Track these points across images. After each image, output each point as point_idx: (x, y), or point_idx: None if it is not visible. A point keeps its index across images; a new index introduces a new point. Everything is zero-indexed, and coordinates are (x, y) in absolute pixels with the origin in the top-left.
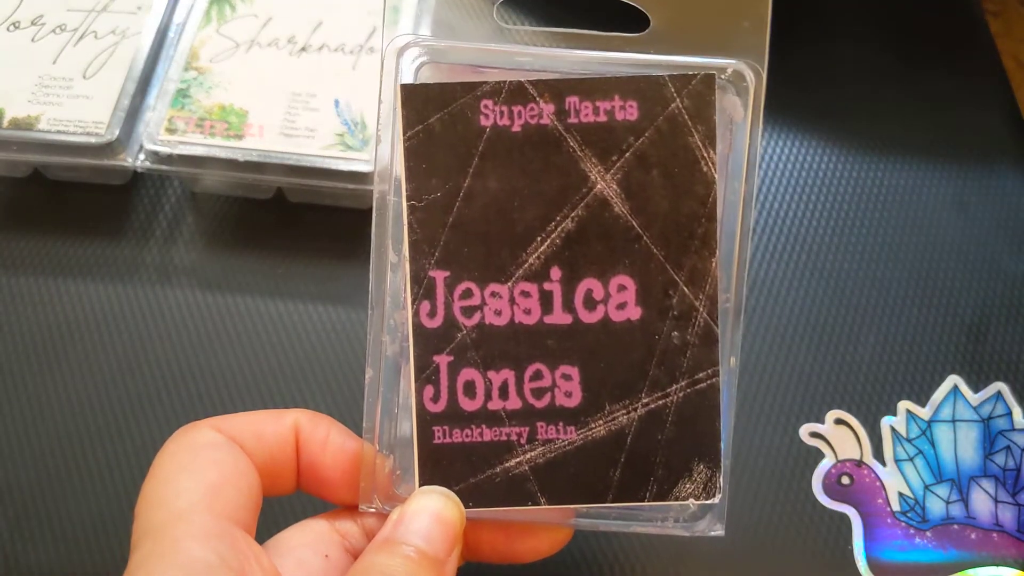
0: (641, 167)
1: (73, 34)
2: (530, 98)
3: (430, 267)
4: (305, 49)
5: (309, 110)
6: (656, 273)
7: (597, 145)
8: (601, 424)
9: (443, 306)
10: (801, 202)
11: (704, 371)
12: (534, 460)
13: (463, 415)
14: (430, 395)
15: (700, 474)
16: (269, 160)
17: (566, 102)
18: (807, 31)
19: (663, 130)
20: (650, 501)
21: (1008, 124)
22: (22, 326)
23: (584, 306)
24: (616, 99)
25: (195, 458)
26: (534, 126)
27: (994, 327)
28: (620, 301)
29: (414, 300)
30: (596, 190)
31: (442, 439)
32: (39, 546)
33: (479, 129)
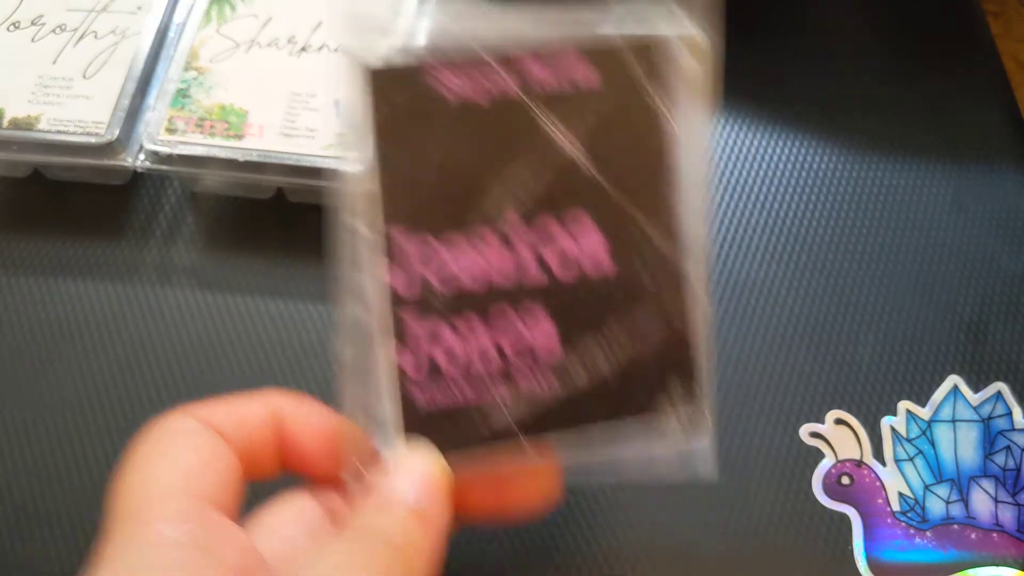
0: (604, 128)
1: (73, 34)
2: (494, 71)
3: (399, 232)
4: (305, 49)
5: (309, 110)
6: (622, 220)
7: (561, 111)
8: (582, 373)
9: (414, 270)
10: (801, 202)
11: (676, 312)
12: (518, 414)
13: (444, 377)
14: (409, 360)
15: (675, 387)
16: (269, 160)
17: (530, 74)
18: (807, 31)
19: (624, 93)
20: (631, 416)
21: (1008, 124)
22: (22, 326)
23: (561, 266)
24: (578, 68)
25: (171, 443)
26: (499, 97)
27: (994, 327)
28: (593, 257)
29: (383, 262)
30: (563, 153)
31: (425, 402)
32: (39, 546)
33: (445, 103)
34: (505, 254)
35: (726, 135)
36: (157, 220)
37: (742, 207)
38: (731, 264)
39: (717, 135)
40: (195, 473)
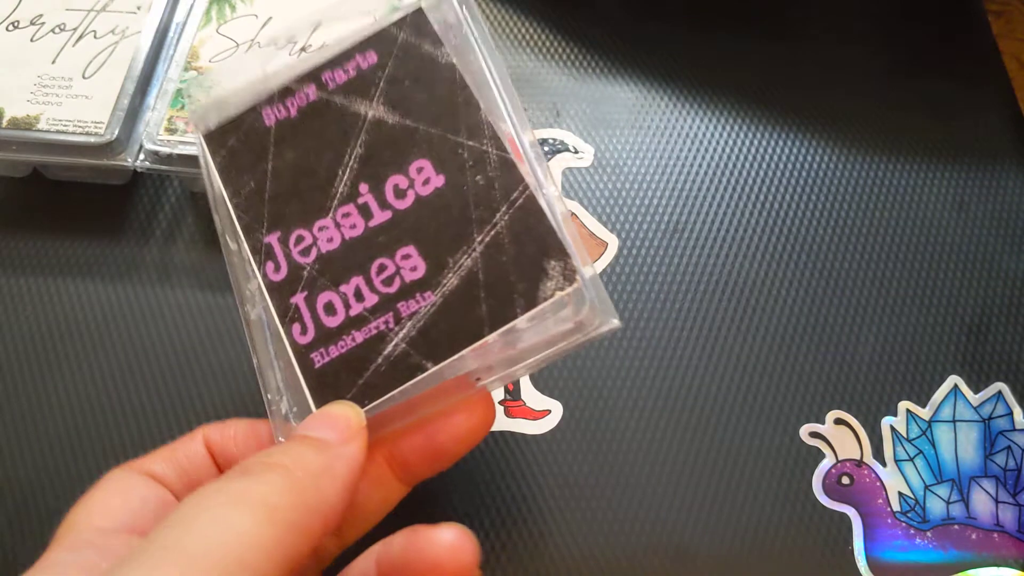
0: (395, 85)
1: (72, 33)
2: (296, 90)
3: (263, 236)
4: (305, 49)
5: None
6: (441, 144)
7: (356, 91)
8: (451, 275)
9: (284, 258)
10: (801, 202)
11: (516, 190)
12: (407, 336)
13: (332, 332)
14: (298, 331)
15: (554, 269)
16: None
17: (323, 77)
18: (807, 31)
19: (399, 55)
20: (523, 313)
21: (1009, 124)
22: (22, 326)
23: (395, 197)
24: (357, 57)
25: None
26: (306, 105)
27: (994, 327)
28: (423, 179)
29: (259, 265)
30: (369, 117)
31: (321, 360)
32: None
33: (266, 129)
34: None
35: (726, 135)
36: (157, 220)
37: (742, 207)
38: (731, 264)
39: (717, 135)
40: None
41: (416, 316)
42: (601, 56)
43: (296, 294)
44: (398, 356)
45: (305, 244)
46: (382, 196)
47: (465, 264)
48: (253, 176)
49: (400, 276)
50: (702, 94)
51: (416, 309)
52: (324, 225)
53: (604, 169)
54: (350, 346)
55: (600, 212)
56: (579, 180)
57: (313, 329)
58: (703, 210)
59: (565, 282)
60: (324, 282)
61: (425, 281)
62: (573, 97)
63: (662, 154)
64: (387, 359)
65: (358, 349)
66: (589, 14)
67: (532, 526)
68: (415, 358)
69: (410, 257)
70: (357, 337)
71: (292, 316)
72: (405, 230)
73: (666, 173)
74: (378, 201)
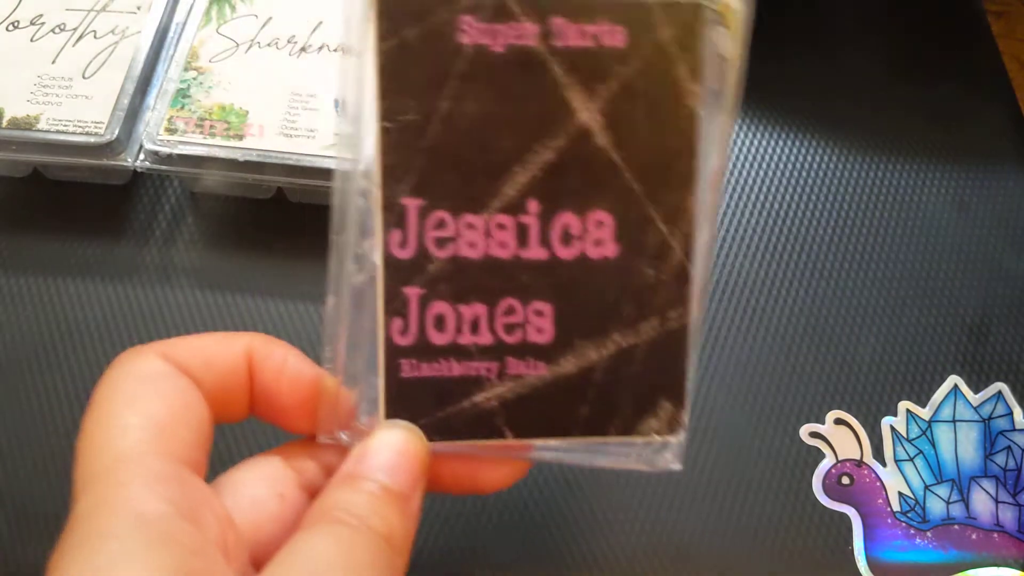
0: (625, 97)
1: (72, 34)
2: (514, 16)
3: (403, 194)
4: (305, 49)
5: (309, 110)
6: (634, 209)
7: (582, 71)
8: (571, 360)
9: (415, 236)
10: (801, 202)
11: (675, 310)
12: (503, 395)
13: (432, 349)
14: (398, 327)
15: (665, 411)
16: (269, 160)
17: (551, 23)
18: (807, 30)
19: (649, 59)
20: (615, 436)
21: (1009, 124)
22: (22, 326)
23: (561, 241)
24: (603, 23)
25: (140, 390)
26: (517, 47)
27: (994, 327)
28: (597, 237)
29: (385, 228)
30: (579, 120)
31: (410, 372)
32: (39, 546)
33: (458, 47)
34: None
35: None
36: (157, 220)
37: (742, 207)
38: (731, 264)
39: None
40: (166, 427)
41: (519, 381)
42: None
43: (412, 285)
44: (485, 411)
45: (445, 234)
46: (547, 230)
47: (590, 356)
48: (419, 106)
49: (524, 331)
50: None
51: (523, 374)
52: (473, 224)
53: None
54: (444, 374)
55: None
56: None
57: (415, 335)
58: None
59: (668, 430)
60: (446, 290)
61: (544, 351)
62: None
63: None
64: (473, 408)
65: (450, 382)
66: None
67: (532, 526)
68: (499, 421)
69: (543, 316)
70: (455, 369)
71: (398, 308)
72: (552, 285)
73: None
74: (541, 233)
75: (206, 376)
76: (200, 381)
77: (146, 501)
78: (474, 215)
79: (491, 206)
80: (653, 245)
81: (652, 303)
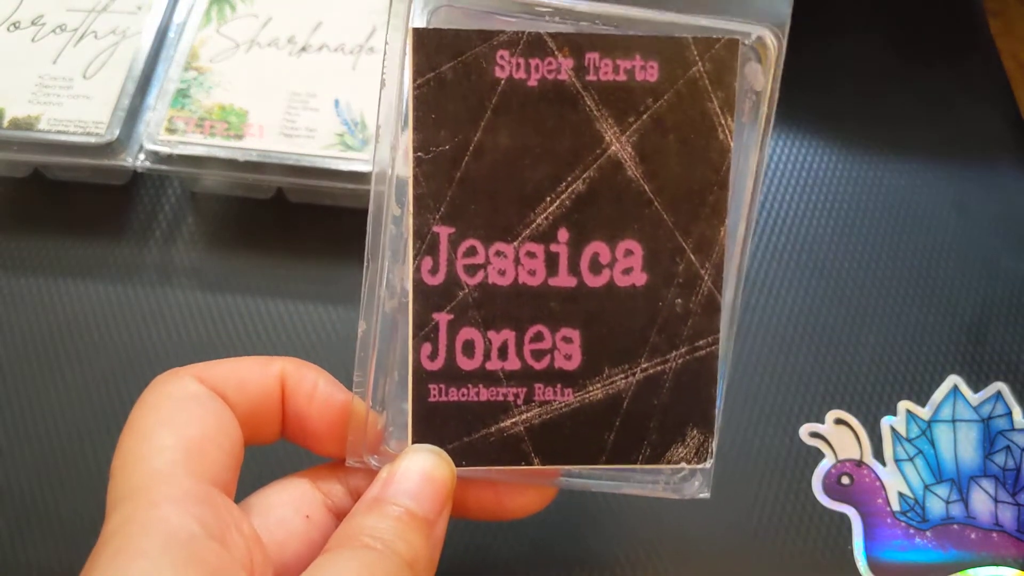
0: (657, 130)
1: (73, 34)
2: (549, 51)
3: (434, 222)
4: (305, 49)
5: (309, 110)
6: (664, 239)
7: (614, 105)
8: (599, 387)
9: (446, 263)
10: (801, 202)
11: (704, 339)
12: (530, 421)
13: (460, 374)
14: (427, 352)
15: (693, 439)
16: (269, 160)
17: (586, 58)
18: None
19: (682, 93)
20: (642, 464)
21: (1008, 124)
22: (22, 326)
23: (590, 269)
24: (637, 58)
25: (176, 412)
26: (551, 81)
27: (994, 327)
28: (626, 266)
29: (416, 255)
30: (610, 151)
31: (438, 397)
32: (39, 546)
33: (493, 80)
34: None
35: None
36: (157, 220)
37: None
38: None
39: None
40: (199, 448)
41: (547, 407)
42: None
43: (442, 311)
44: (511, 436)
45: (475, 261)
46: (576, 258)
47: (618, 383)
48: (453, 136)
49: (552, 357)
50: None
51: (550, 400)
52: (503, 251)
53: None
54: (471, 399)
55: None
56: None
57: (443, 360)
58: None
59: (696, 458)
60: (476, 316)
61: (572, 377)
62: None
63: None
64: (500, 433)
65: (478, 407)
66: None
67: (532, 526)
68: (526, 447)
69: (571, 343)
70: (482, 394)
71: (428, 334)
72: (580, 312)
73: None
74: (570, 261)
75: (240, 399)
76: (234, 404)
77: (176, 521)
78: (504, 243)
79: (521, 235)
80: (683, 275)
81: (681, 332)
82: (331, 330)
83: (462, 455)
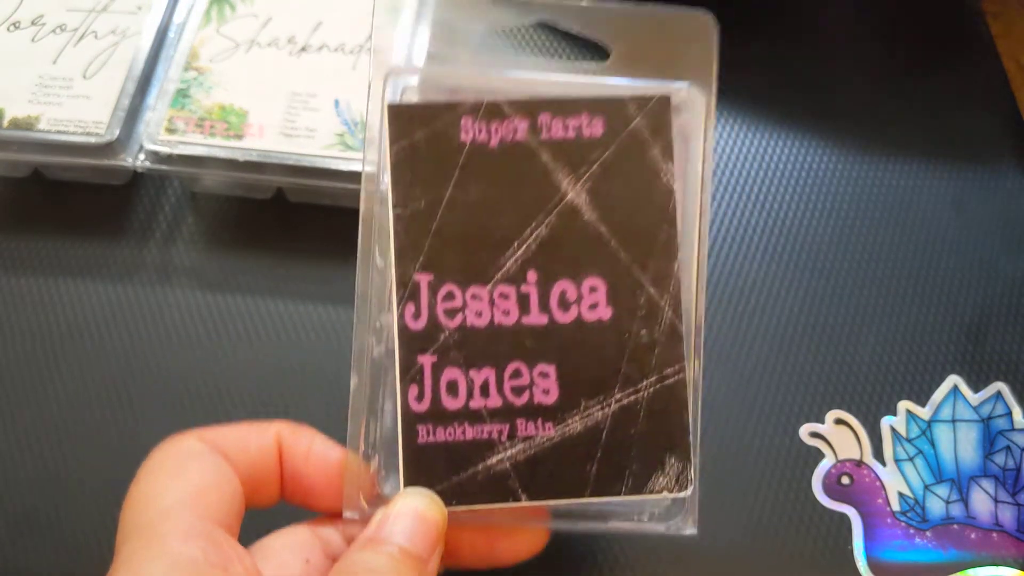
0: (607, 178)
1: (73, 34)
2: (506, 116)
3: (414, 271)
4: (305, 49)
5: (309, 110)
6: (624, 275)
7: (567, 158)
8: (577, 420)
9: (427, 308)
10: (801, 202)
11: (671, 367)
12: (515, 457)
13: (446, 414)
14: (415, 394)
15: (672, 467)
16: (269, 160)
17: (538, 119)
18: (807, 31)
19: (626, 145)
20: (626, 495)
21: (1008, 125)
22: (22, 326)
23: (559, 307)
24: (584, 116)
25: (180, 464)
26: (510, 142)
27: (994, 327)
28: (592, 302)
29: (399, 302)
30: (567, 199)
31: (426, 438)
32: (38, 547)
33: (459, 144)
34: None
35: (726, 135)
36: (157, 220)
37: (742, 207)
38: (731, 264)
39: (717, 135)
40: (203, 493)
41: (530, 442)
42: None
43: (426, 354)
44: (498, 473)
45: (453, 305)
46: (546, 297)
47: (595, 415)
48: (427, 195)
49: (531, 392)
50: None
51: (532, 435)
52: (478, 295)
53: None
54: (458, 439)
55: None
56: None
57: (429, 401)
58: None
59: (677, 486)
60: (457, 357)
61: (552, 412)
62: None
63: None
64: (487, 471)
65: (464, 446)
66: None
67: None
68: (513, 483)
69: (547, 377)
70: (468, 433)
71: (414, 376)
72: (554, 347)
73: None
74: (540, 300)
75: (240, 457)
76: (234, 462)
77: (180, 549)
78: (479, 287)
79: (494, 278)
80: (644, 307)
81: (649, 361)
82: (331, 330)
83: (452, 495)
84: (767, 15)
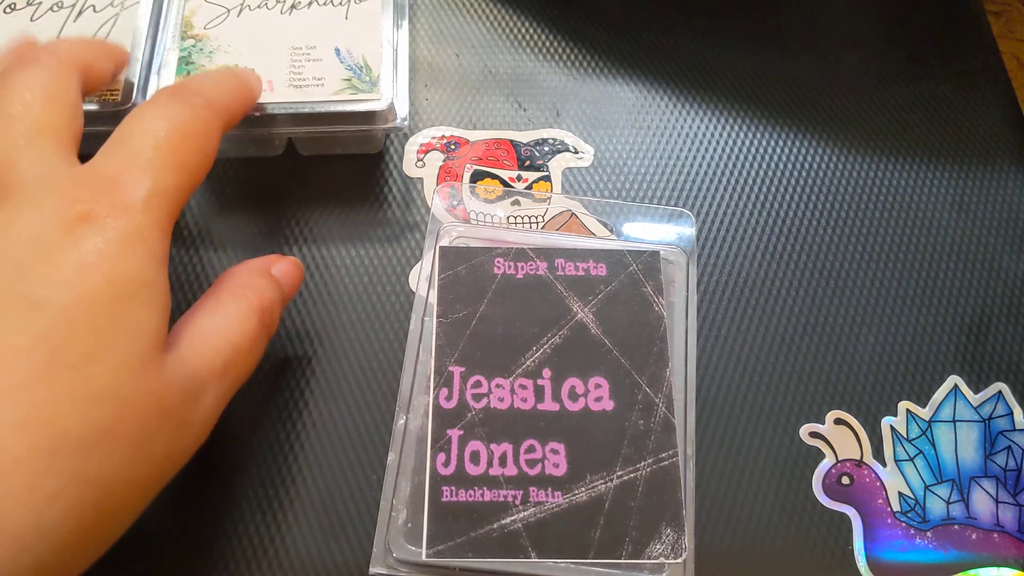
0: (610, 305)
1: (71, 10)
2: (530, 258)
3: (450, 364)
4: (295, 6)
5: (312, 61)
6: (624, 376)
7: (577, 289)
8: (583, 491)
9: (458, 392)
10: (800, 202)
11: (666, 451)
12: (527, 519)
13: (468, 478)
14: (442, 461)
15: (668, 536)
16: (283, 111)
17: (555, 262)
18: (808, 30)
19: (624, 282)
20: (626, 559)
21: (1009, 125)
22: None
23: (569, 398)
24: (590, 262)
25: None
26: (532, 275)
27: (994, 327)
28: (597, 395)
29: (435, 387)
30: (577, 318)
31: (449, 497)
32: None
33: (492, 275)
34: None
35: (726, 135)
36: None
37: (742, 207)
38: (731, 264)
39: (718, 135)
40: None
41: (540, 507)
42: (601, 56)
43: (454, 428)
44: (511, 532)
45: (480, 391)
46: (558, 390)
47: (599, 488)
48: (465, 309)
49: (543, 465)
50: (702, 94)
51: (543, 501)
52: (501, 384)
53: (604, 169)
54: (477, 499)
55: (600, 212)
56: (579, 180)
57: (455, 466)
58: (703, 210)
59: (672, 553)
60: (481, 432)
61: (561, 482)
62: (573, 97)
63: (662, 154)
64: (501, 529)
65: (482, 507)
66: (589, 14)
67: None
68: (524, 542)
69: (558, 453)
70: (486, 495)
71: (442, 446)
72: (564, 429)
73: (666, 173)
74: (553, 391)
75: None
76: None
77: None
78: (502, 379)
79: (515, 372)
80: (642, 402)
81: (646, 445)
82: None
83: (470, 547)
84: (767, 14)
